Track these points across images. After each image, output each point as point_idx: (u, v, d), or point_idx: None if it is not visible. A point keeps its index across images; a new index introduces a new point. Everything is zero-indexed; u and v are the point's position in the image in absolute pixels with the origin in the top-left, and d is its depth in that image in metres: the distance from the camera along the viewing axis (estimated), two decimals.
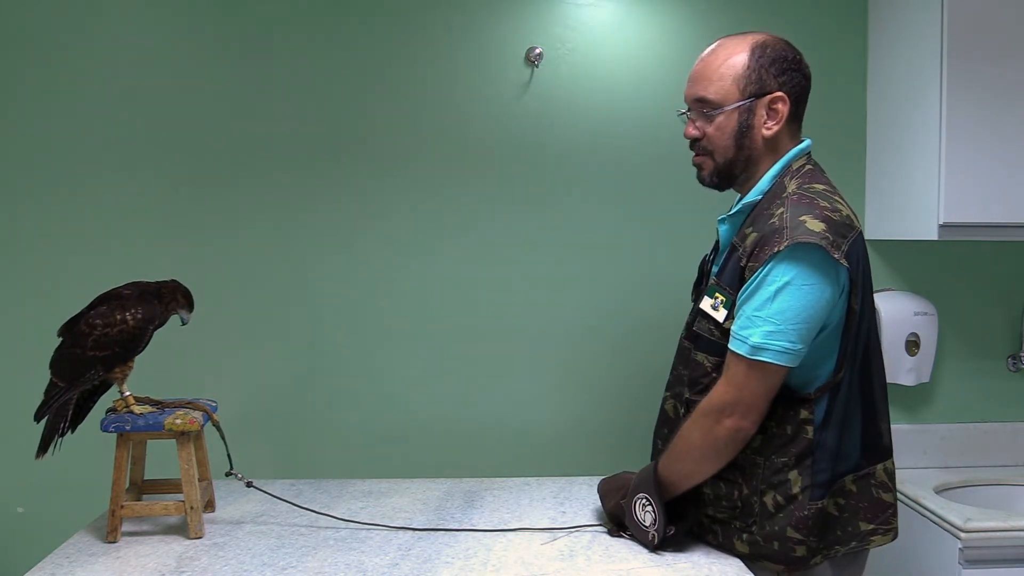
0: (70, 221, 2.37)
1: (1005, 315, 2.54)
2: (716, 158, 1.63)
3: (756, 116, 1.60)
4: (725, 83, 1.59)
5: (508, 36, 2.42)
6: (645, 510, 1.60)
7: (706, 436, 1.54)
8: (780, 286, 1.47)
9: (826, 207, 1.51)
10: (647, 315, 2.45)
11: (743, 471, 1.57)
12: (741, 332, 1.51)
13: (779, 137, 1.62)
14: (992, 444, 2.53)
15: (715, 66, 1.61)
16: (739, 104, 1.59)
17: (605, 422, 2.47)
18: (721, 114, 1.60)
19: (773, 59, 1.60)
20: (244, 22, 2.38)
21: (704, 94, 1.61)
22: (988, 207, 2.17)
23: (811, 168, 1.62)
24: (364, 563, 1.57)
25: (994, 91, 2.15)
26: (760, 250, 1.51)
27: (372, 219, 2.42)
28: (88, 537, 1.70)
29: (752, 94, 1.59)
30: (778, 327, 1.47)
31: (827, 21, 2.47)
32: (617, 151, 2.45)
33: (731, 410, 1.51)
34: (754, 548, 1.57)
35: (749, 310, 1.50)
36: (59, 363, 1.71)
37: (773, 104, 1.59)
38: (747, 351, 1.49)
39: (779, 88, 1.59)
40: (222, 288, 2.37)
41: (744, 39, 1.62)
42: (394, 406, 2.45)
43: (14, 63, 2.35)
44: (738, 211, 1.64)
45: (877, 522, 1.59)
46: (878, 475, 1.60)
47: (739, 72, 1.59)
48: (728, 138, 1.61)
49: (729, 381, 1.52)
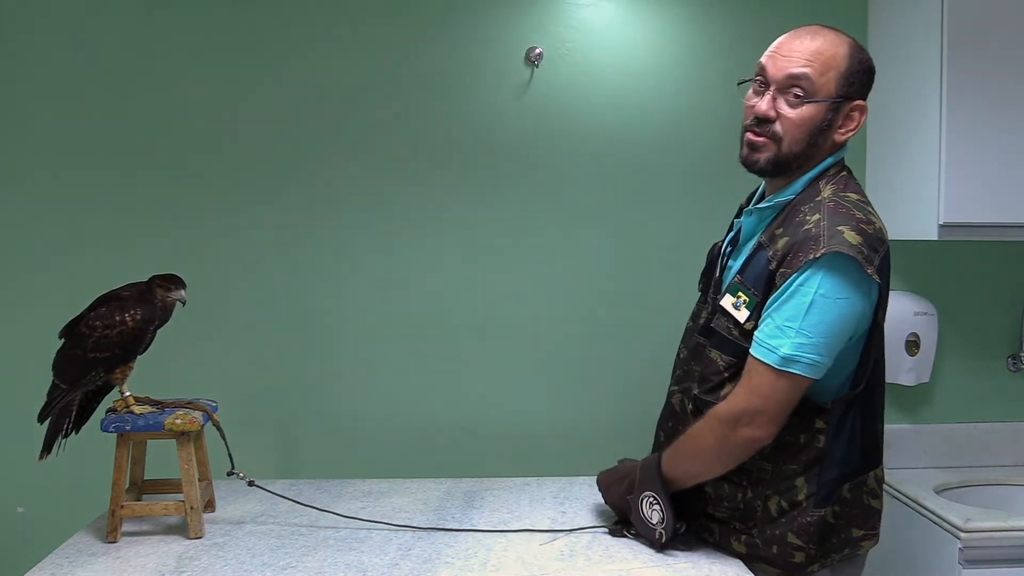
0: (71, 222, 2.37)
1: (1005, 315, 2.54)
2: (782, 147, 1.53)
3: (838, 118, 1.54)
4: (828, 73, 1.51)
5: (508, 36, 2.42)
6: (652, 508, 1.59)
7: (721, 442, 1.51)
8: (815, 298, 1.43)
9: (861, 219, 1.48)
10: (647, 315, 2.45)
11: (749, 475, 1.56)
12: (770, 341, 1.46)
13: (845, 145, 1.58)
14: (992, 444, 2.53)
15: (822, 52, 1.52)
16: (831, 100, 1.52)
17: (605, 422, 2.47)
18: (812, 103, 1.51)
19: (866, 68, 1.55)
20: (244, 22, 2.38)
21: (809, 72, 1.50)
22: (988, 207, 2.17)
23: (845, 175, 1.58)
24: (364, 563, 1.57)
25: (994, 91, 2.15)
26: (794, 256, 1.46)
27: (372, 219, 2.42)
28: (88, 537, 1.70)
29: (845, 95, 1.53)
30: (810, 340, 1.43)
31: (827, 21, 2.43)
32: (617, 151, 2.45)
33: (750, 419, 1.47)
34: (752, 550, 1.56)
35: (780, 319, 1.46)
36: (61, 365, 1.71)
37: (853, 111, 1.55)
38: (776, 361, 1.45)
39: (862, 98, 1.55)
40: (222, 288, 2.37)
41: (841, 36, 1.55)
42: (394, 406, 2.45)
43: (12, 62, 2.35)
44: (768, 207, 1.59)
45: (867, 528, 1.58)
46: (869, 482, 1.59)
47: (843, 68, 1.52)
48: (806, 131, 1.52)
49: (753, 390, 1.47)
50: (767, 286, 1.51)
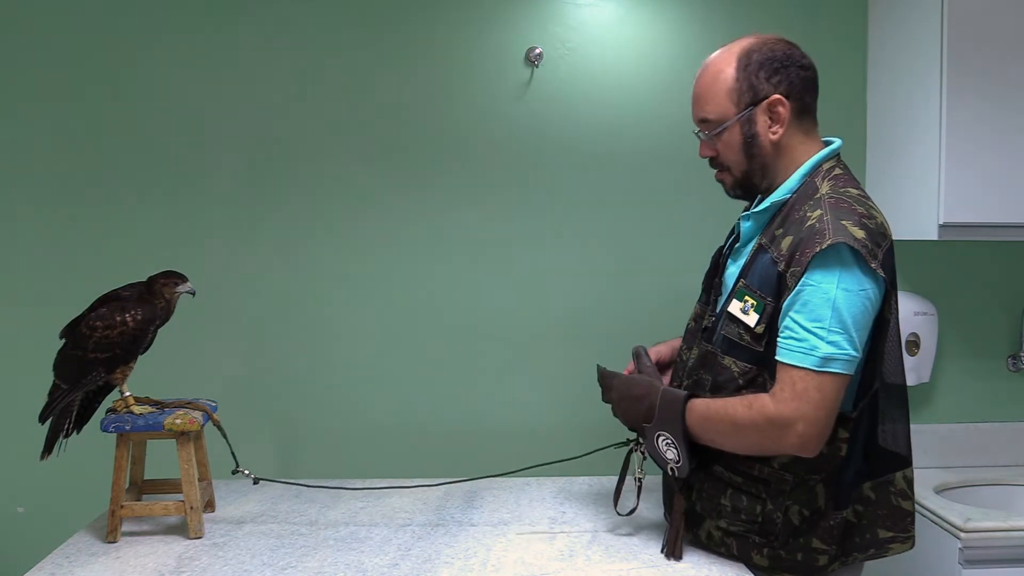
0: (72, 222, 2.37)
1: (1005, 315, 2.54)
2: (733, 172, 1.62)
3: (758, 124, 1.57)
4: (720, 100, 1.58)
5: (508, 36, 2.42)
6: (668, 447, 1.56)
7: (766, 441, 1.47)
8: (838, 294, 1.43)
9: (863, 213, 1.48)
10: (647, 315, 2.45)
11: (768, 486, 1.52)
12: (802, 344, 1.44)
13: (789, 138, 1.59)
14: (992, 444, 2.53)
15: (706, 85, 1.60)
16: (737, 117, 1.57)
17: (605, 422, 2.46)
18: (724, 130, 1.59)
19: (761, 63, 1.57)
20: (243, 22, 2.38)
21: (704, 115, 1.61)
22: (988, 207, 2.17)
23: (842, 171, 1.59)
24: (364, 563, 1.57)
25: (994, 91, 2.15)
26: (800, 253, 1.46)
27: (372, 219, 2.42)
28: (88, 537, 1.70)
29: (747, 103, 1.57)
30: (842, 335, 1.43)
31: (827, 21, 2.47)
32: (617, 151, 2.45)
33: (803, 428, 1.43)
34: (775, 562, 1.54)
35: (807, 320, 1.44)
36: (62, 365, 1.72)
37: (772, 108, 1.57)
38: (815, 363, 1.42)
39: (774, 91, 1.56)
40: (222, 288, 2.37)
41: (729, 50, 1.60)
42: (394, 406, 2.45)
43: (12, 63, 2.35)
44: (764, 209, 1.60)
45: (896, 530, 1.56)
46: (897, 482, 1.56)
47: (729, 86, 1.57)
48: (737, 152, 1.60)
49: (799, 396, 1.43)
50: (778, 288, 1.50)
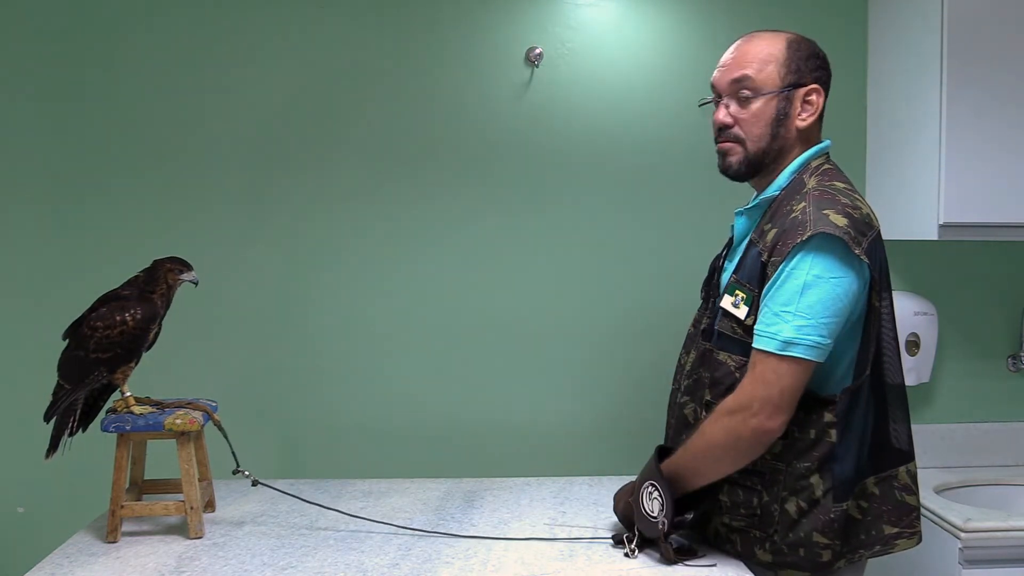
0: (74, 223, 2.37)
1: (1005, 315, 2.54)
2: (748, 146, 1.62)
3: (793, 106, 1.60)
4: (768, 67, 1.59)
5: (508, 36, 2.42)
6: (652, 499, 1.55)
7: (728, 435, 1.49)
8: (809, 280, 1.45)
9: (847, 203, 1.51)
10: (647, 314, 2.45)
11: (763, 477, 1.53)
12: (768, 329, 1.47)
13: (811, 130, 1.63)
14: (992, 444, 2.53)
15: (755, 52, 1.61)
16: (778, 91, 1.59)
17: (605, 422, 2.47)
18: (759, 100, 1.59)
19: (808, 54, 1.62)
20: (242, 22, 2.38)
21: (746, 72, 1.60)
22: (988, 207, 2.17)
23: (830, 167, 1.62)
24: (364, 563, 1.57)
25: (994, 91, 2.15)
26: (782, 244, 1.49)
27: (372, 219, 2.42)
28: (88, 537, 1.70)
29: (791, 84, 1.60)
30: (808, 321, 1.44)
31: (827, 21, 2.47)
32: (617, 151, 2.45)
33: (758, 408, 1.46)
34: (778, 557, 1.53)
35: (776, 305, 1.47)
36: (64, 365, 1.72)
37: (808, 96, 1.61)
38: (777, 347, 1.45)
39: (814, 81, 1.61)
40: (222, 288, 2.37)
41: (778, 34, 1.64)
42: (394, 406, 2.44)
43: (12, 63, 2.35)
44: (755, 205, 1.63)
45: (902, 525, 1.56)
46: (901, 477, 1.56)
47: (780, 60, 1.60)
48: (764, 126, 1.60)
49: (756, 379, 1.47)
50: (761, 278, 1.52)
